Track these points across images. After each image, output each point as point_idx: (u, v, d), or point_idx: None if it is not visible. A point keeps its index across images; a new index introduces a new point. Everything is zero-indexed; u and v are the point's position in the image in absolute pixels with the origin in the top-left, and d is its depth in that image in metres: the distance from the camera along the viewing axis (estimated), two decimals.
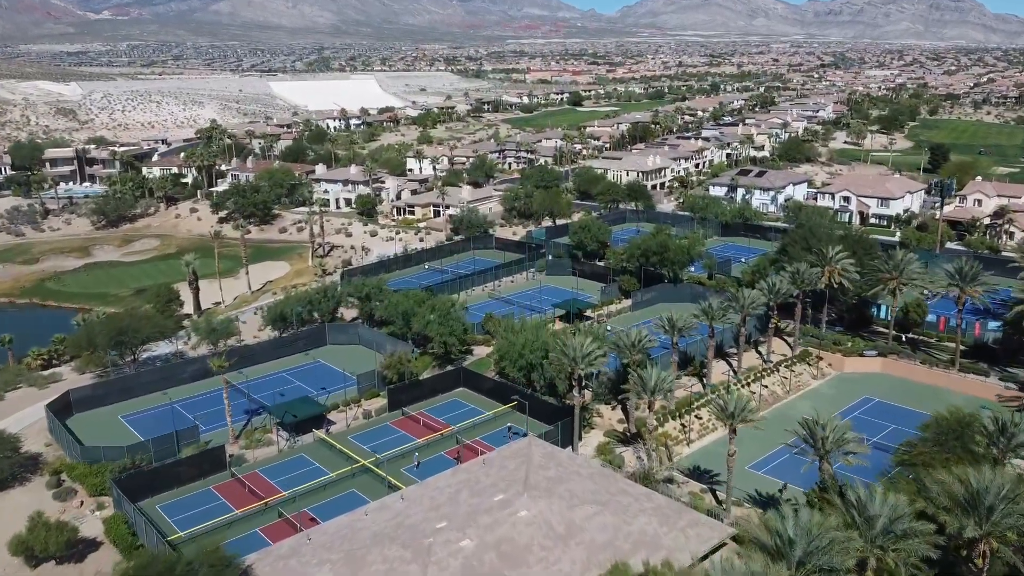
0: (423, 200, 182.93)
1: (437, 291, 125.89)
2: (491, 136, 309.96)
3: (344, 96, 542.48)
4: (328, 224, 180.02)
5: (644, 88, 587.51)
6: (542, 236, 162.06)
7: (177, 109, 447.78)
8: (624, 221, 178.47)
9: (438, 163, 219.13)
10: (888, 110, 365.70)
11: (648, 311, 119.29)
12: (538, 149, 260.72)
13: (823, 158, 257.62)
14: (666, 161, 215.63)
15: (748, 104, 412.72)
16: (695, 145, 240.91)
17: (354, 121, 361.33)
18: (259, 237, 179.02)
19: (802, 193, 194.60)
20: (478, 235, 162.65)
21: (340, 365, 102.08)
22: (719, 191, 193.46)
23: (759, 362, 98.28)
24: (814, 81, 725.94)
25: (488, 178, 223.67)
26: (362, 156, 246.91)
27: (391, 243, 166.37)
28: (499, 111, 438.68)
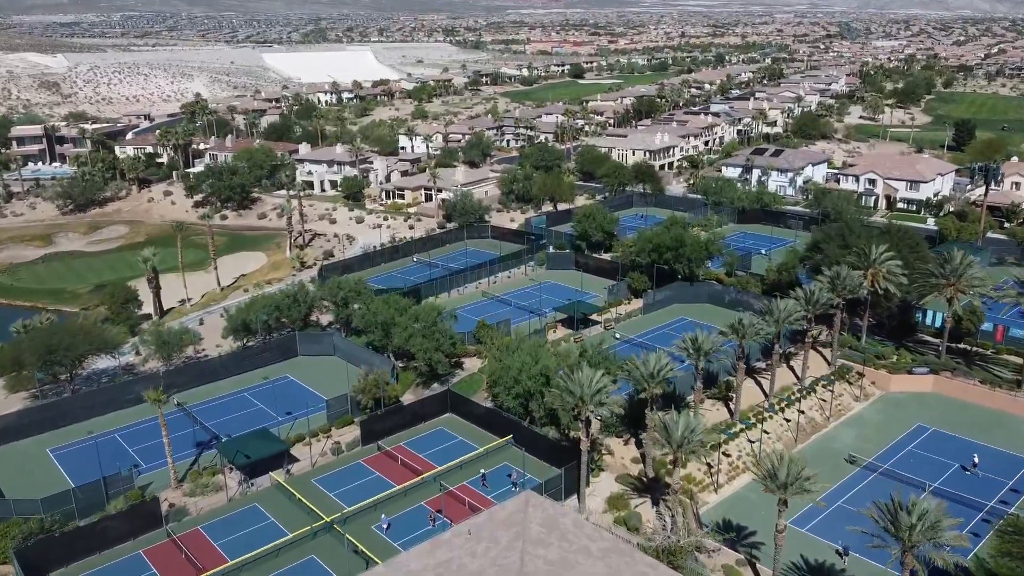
0: (414, 183, 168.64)
1: (425, 290, 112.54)
2: (488, 111, 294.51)
3: (339, 68, 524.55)
4: (311, 209, 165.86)
5: (647, 59, 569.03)
6: (542, 224, 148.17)
7: (165, 82, 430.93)
8: (631, 205, 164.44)
9: (431, 141, 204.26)
10: (903, 83, 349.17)
11: (662, 313, 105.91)
12: (538, 125, 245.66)
13: (839, 135, 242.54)
14: (674, 139, 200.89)
15: (756, 76, 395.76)
16: (705, 121, 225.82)
17: (346, 95, 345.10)
18: (236, 224, 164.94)
19: (821, 174, 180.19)
20: (472, 223, 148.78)
21: (312, 382, 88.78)
22: (732, 172, 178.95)
23: (792, 380, 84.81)
24: (820, 52, 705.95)
25: (485, 157, 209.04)
26: (352, 133, 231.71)
27: (378, 231, 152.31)
28: (498, 84, 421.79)
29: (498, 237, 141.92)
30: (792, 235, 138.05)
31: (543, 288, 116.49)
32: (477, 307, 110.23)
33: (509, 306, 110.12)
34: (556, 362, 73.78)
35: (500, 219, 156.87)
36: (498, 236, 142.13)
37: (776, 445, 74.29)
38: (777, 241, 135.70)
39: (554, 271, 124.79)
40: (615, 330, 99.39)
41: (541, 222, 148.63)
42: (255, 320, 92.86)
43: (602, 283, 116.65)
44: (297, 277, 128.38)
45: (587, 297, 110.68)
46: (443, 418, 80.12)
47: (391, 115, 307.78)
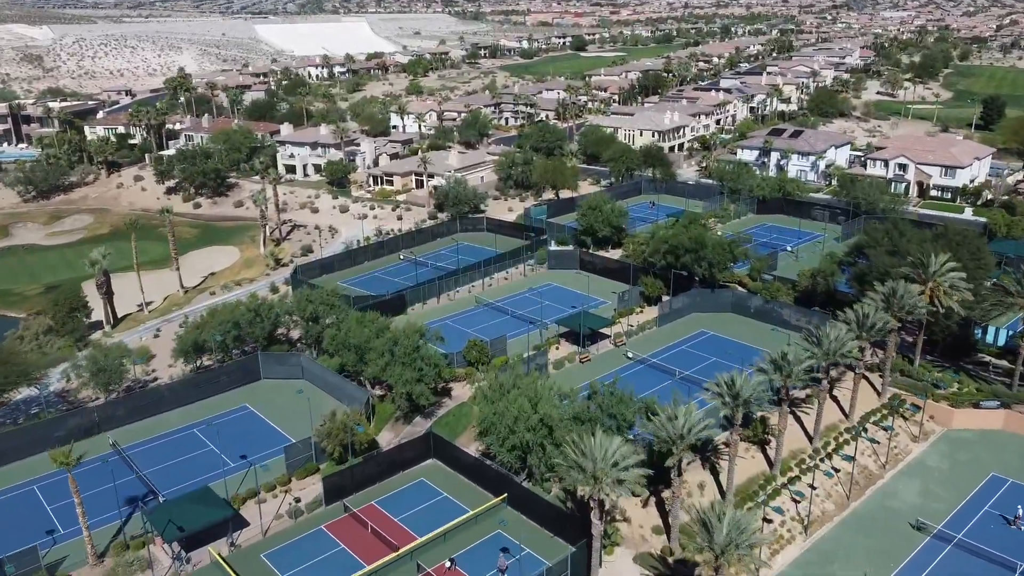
0: (404, 167, 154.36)
1: (411, 296, 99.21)
2: (486, 87, 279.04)
3: (333, 40, 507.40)
4: (292, 196, 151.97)
5: (651, 31, 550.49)
6: (543, 215, 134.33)
7: (152, 55, 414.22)
8: (639, 192, 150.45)
9: (424, 121, 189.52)
10: (919, 56, 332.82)
11: (680, 325, 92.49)
12: (538, 102, 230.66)
13: (857, 112, 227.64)
14: (685, 118, 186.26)
15: (766, 49, 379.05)
16: (716, 98, 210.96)
17: (338, 69, 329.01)
18: (210, 213, 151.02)
19: (844, 157, 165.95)
20: (466, 213, 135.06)
21: (275, 414, 75.70)
22: (749, 155, 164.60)
23: (838, 416, 71.59)
24: (828, 24, 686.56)
25: (482, 137, 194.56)
26: (341, 111, 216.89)
27: (364, 222, 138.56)
28: (496, 57, 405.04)
29: (494, 230, 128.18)
30: (819, 228, 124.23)
31: (544, 292, 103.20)
32: (469, 316, 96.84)
33: (506, 315, 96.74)
34: (559, 407, 60.54)
35: (497, 208, 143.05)
36: (494, 229, 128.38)
37: (826, 505, 61.36)
38: (803, 235, 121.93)
39: (556, 271, 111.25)
40: (627, 348, 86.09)
41: (541, 212, 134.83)
42: (210, 340, 79.51)
43: (610, 286, 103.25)
44: (271, 277, 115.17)
45: (593, 304, 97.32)
46: (425, 465, 66.99)
47: (385, 91, 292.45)
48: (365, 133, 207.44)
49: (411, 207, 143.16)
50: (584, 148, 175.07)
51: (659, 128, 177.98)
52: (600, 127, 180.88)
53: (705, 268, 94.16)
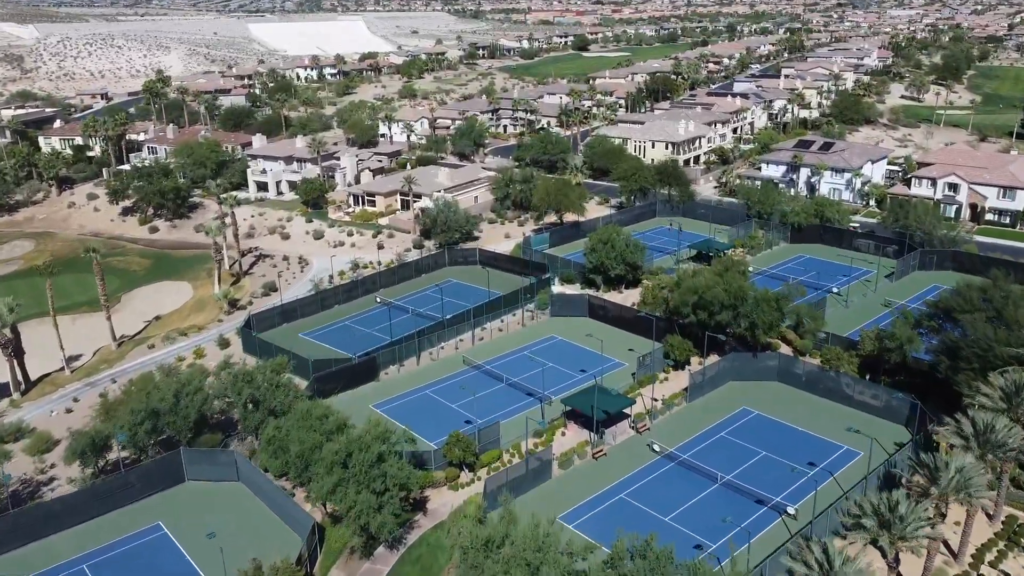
0: (388, 186, 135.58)
1: (384, 356, 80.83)
2: (484, 90, 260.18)
3: (329, 39, 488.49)
4: (261, 219, 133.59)
5: (655, 30, 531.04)
6: (544, 243, 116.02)
7: (138, 55, 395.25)
8: (654, 215, 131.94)
9: (413, 131, 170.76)
10: (940, 56, 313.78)
11: (715, 399, 74.32)
12: (539, 107, 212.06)
13: (884, 119, 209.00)
14: (700, 127, 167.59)
15: (777, 49, 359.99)
16: (732, 104, 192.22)
17: (328, 70, 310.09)
18: (167, 239, 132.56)
19: (881, 172, 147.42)
20: (457, 241, 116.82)
21: (194, 541, 57.34)
22: (774, 170, 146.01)
23: (941, 557, 53.10)
24: (835, 22, 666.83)
25: (477, 147, 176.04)
26: (323, 119, 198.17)
27: (341, 250, 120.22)
28: (496, 57, 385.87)
29: (488, 263, 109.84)
30: (865, 261, 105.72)
31: (547, 348, 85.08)
32: (455, 384, 78.40)
33: (499, 383, 78.33)
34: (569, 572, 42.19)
35: (493, 234, 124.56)
36: (488, 262, 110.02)
37: None
38: (849, 272, 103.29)
39: (561, 320, 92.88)
40: (651, 438, 67.70)
41: (543, 241, 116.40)
42: (115, 437, 61.13)
43: (626, 340, 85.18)
44: (224, 324, 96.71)
45: (608, 367, 79.13)
46: None
47: (377, 93, 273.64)
48: (351, 142, 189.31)
49: (394, 233, 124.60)
50: (590, 161, 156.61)
51: (673, 139, 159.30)
52: (607, 138, 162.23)
53: (746, 328, 75.71)
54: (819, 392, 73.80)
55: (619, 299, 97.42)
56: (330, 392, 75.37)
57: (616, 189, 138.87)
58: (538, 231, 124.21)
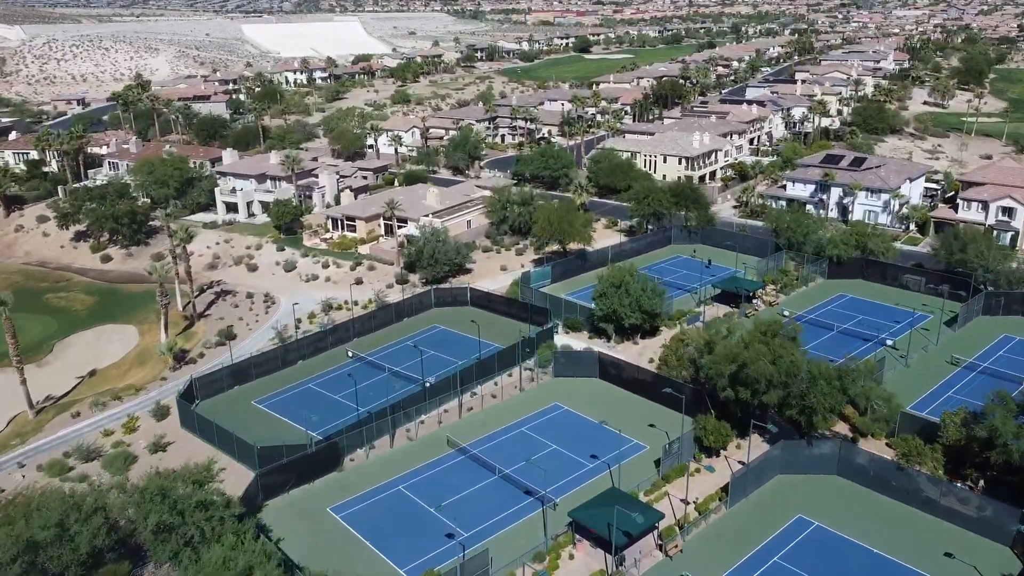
0: (370, 209, 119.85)
1: (347, 441, 65.41)
2: (481, 96, 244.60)
3: (324, 41, 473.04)
4: (228, 247, 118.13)
5: (658, 31, 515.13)
6: (545, 278, 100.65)
7: (124, 58, 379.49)
8: (669, 242, 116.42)
9: (400, 144, 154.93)
10: (960, 59, 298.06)
11: (762, 504, 58.68)
12: (540, 115, 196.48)
13: (910, 127, 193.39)
14: (716, 140, 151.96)
15: (786, 52, 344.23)
16: (748, 112, 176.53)
17: (319, 74, 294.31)
18: (121, 270, 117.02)
19: (919, 191, 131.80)
20: (446, 275, 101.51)
21: None
22: (801, 190, 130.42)
23: None
24: (840, 23, 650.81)
25: (472, 160, 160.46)
26: (305, 128, 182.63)
27: (314, 286, 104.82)
28: (494, 60, 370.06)
29: (481, 304, 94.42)
30: (918, 302, 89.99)
31: (550, 423, 69.71)
32: (436, 478, 62.86)
33: (491, 475, 62.80)
34: None
35: (487, 266, 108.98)
36: (481, 302, 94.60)
37: None
38: (899, 316, 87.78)
39: (566, 381, 77.39)
40: (685, 569, 52.16)
41: (544, 276, 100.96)
42: None
43: (646, 412, 70.15)
44: (167, 384, 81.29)
45: (625, 449, 63.51)
46: None
47: (369, 98, 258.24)
48: (336, 154, 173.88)
49: (375, 265, 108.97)
50: (596, 177, 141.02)
51: (687, 153, 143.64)
52: (615, 151, 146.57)
53: (799, 411, 60.19)
54: (892, 493, 58.33)
55: (634, 352, 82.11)
56: (280, 489, 60.13)
57: (625, 210, 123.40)
58: (539, 261, 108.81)
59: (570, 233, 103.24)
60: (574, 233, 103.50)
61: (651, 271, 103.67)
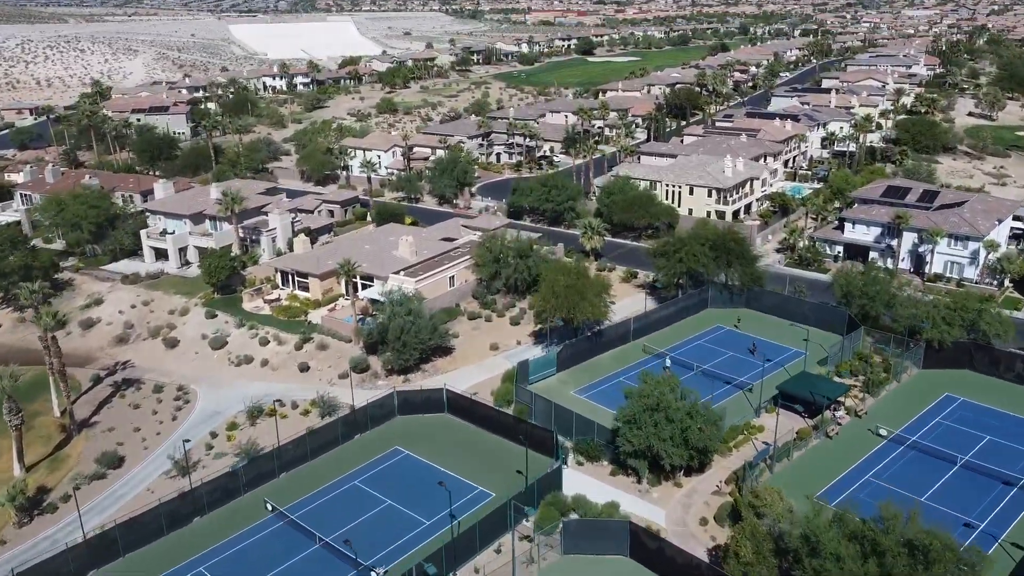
0: (326, 263, 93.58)
1: None
2: (475, 105, 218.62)
3: (314, 42, 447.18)
4: (147, 311, 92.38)
5: (664, 32, 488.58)
6: (549, 368, 75.06)
7: (99, 60, 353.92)
8: (706, 305, 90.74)
9: (375, 171, 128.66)
10: (997, 64, 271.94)
11: None
12: (540, 130, 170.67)
13: (963, 144, 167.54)
14: (752, 166, 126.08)
15: (804, 55, 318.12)
16: (782, 129, 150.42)
17: (301, 79, 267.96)
18: (8, 342, 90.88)
19: (1005, 234, 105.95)
20: (416, 363, 76.04)
21: None
22: (862, 233, 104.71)
23: None
24: (849, 23, 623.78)
25: (462, 188, 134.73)
26: (269, 147, 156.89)
27: (247, 373, 79.28)
28: (491, 63, 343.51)
29: (462, 411, 68.77)
30: None
31: None
32: None
33: None
34: None
35: (474, 344, 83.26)
36: (463, 411, 68.86)
37: None
38: None
39: (581, 564, 51.62)
40: None
41: (547, 364, 75.38)
42: None
43: None
44: (6, 551, 55.47)
45: None
46: None
47: (353, 107, 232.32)
48: (305, 177, 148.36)
49: (328, 342, 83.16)
50: (609, 212, 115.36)
51: (719, 184, 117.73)
52: (629, 180, 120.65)
53: None
54: None
55: (677, 500, 56.96)
56: None
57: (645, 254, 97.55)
58: (540, 335, 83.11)
59: (581, 307, 77.36)
60: (587, 309, 77.62)
61: (687, 354, 78.28)
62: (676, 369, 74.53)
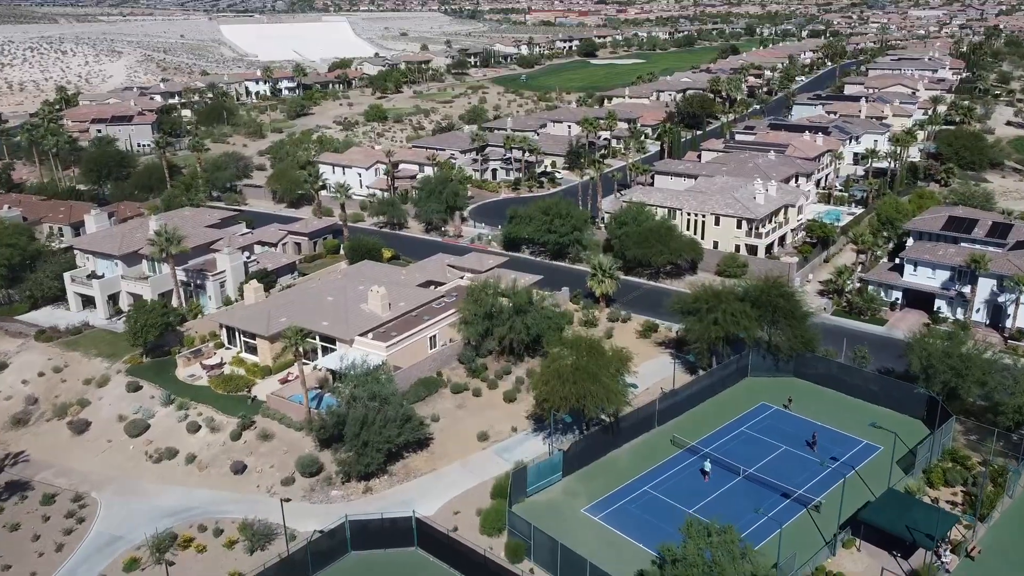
0: (276, 322, 75.78)
1: None
2: (470, 113, 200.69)
3: (307, 43, 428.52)
4: (57, 380, 74.76)
5: (669, 33, 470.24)
6: (554, 474, 57.67)
7: (80, 62, 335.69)
8: (746, 373, 73.11)
9: (346, 196, 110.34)
10: None
11: None
12: (541, 142, 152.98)
13: (1011, 160, 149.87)
14: (785, 191, 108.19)
15: (819, 58, 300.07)
16: (813, 144, 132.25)
17: (286, 83, 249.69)
18: None
19: None
20: (382, 464, 58.54)
21: None
22: (927, 277, 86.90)
23: None
24: (856, 24, 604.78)
25: (451, 212, 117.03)
26: (239, 163, 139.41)
27: (167, 472, 61.66)
28: (489, 66, 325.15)
29: (437, 549, 51.04)
30: None
31: None
32: None
33: None
34: None
35: (457, 430, 65.46)
36: (441, 549, 51.10)
37: None
38: None
39: None
40: None
41: (551, 470, 57.85)
42: None
43: None
44: None
45: None
46: None
47: (340, 114, 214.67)
48: (278, 198, 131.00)
49: (274, 429, 65.25)
50: (620, 244, 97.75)
51: (750, 214, 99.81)
52: (644, 207, 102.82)
53: None
54: None
55: None
56: None
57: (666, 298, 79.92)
58: (541, 422, 65.34)
59: (594, 394, 59.49)
60: (601, 394, 59.75)
61: (727, 449, 60.85)
62: (716, 474, 57.17)
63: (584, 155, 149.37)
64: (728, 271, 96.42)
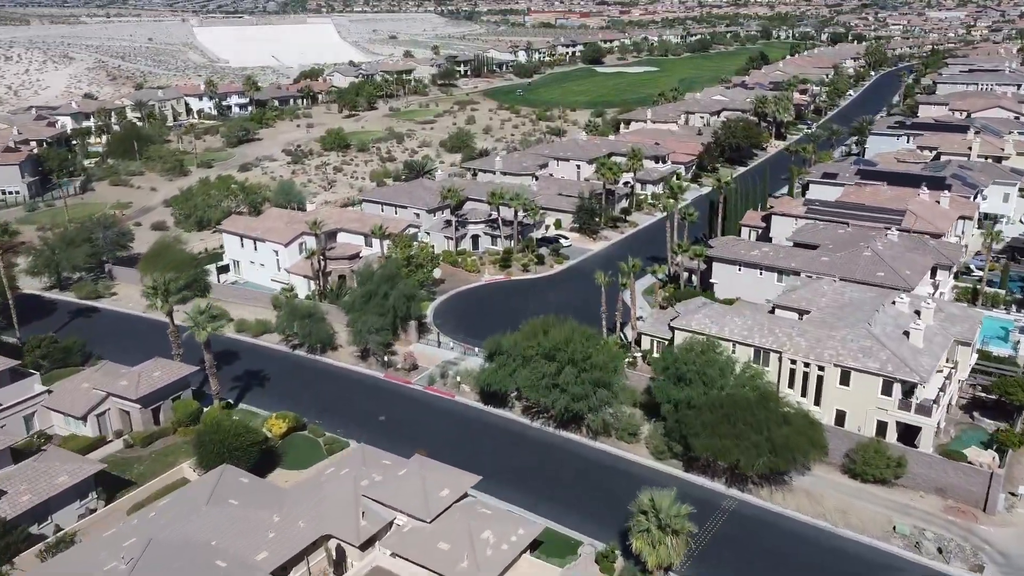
0: None
1: None
2: (454, 139, 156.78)
3: (287, 47, 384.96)
4: None
5: (680, 37, 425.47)
6: None
7: (20, 70, 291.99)
8: None
9: (219, 329, 66.16)
10: None
11: None
12: (540, 188, 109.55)
13: None
14: (954, 319, 64.73)
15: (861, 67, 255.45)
16: (944, 211, 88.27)
17: (236, 99, 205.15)
18: None
19: None
20: None
21: None
22: None
23: None
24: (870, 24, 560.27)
25: (404, 323, 73.28)
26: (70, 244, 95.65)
27: None
28: (482, 75, 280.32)
29: None
30: None
31: None
32: None
33: None
34: None
35: None
36: None
37: None
38: None
39: None
40: None
41: None
42: None
43: None
44: None
45: None
46: None
47: (294, 139, 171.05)
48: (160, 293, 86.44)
49: None
50: (677, 423, 54.09)
51: (910, 375, 55.58)
52: (714, 345, 59.01)
53: None
54: None
55: None
56: None
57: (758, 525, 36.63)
58: None
59: None
60: None
61: None
62: None
63: (600, 212, 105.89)
64: (869, 471, 53.32)
